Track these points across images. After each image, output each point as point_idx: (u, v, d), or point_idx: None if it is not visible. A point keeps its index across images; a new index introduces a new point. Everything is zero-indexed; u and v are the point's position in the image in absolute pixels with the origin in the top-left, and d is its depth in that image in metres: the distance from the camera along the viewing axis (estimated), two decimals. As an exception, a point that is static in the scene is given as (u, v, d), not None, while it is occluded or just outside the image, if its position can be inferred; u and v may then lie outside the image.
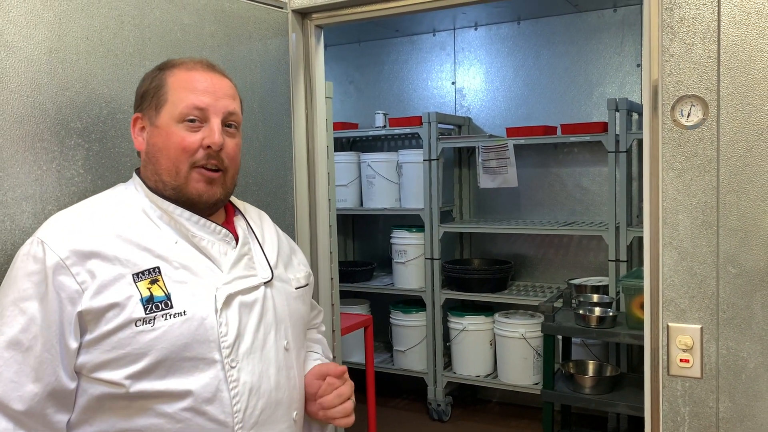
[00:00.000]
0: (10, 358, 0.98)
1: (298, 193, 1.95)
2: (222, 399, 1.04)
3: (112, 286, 1.00)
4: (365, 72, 4.17)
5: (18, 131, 1.25)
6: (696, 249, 1.37)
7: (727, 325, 1.35)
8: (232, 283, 1.10)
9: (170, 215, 1.10)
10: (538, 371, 3.36)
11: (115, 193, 1.15)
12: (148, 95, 1.13)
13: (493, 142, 3.49)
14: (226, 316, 1.06)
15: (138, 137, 1.15)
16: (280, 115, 1.86)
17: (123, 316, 0.99)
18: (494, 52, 3.79)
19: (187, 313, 1.03)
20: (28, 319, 0.98)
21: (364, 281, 3.94)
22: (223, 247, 1.13)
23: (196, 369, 1.02)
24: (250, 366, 1.07)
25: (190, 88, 1.10)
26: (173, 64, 1.15)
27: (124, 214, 1.09)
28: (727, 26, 1.31)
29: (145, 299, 1.01)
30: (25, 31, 1.26)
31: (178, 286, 1.04)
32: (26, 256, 1.02)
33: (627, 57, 3.45)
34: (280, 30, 1.85)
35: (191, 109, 1.09)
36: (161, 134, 1.10)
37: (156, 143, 1.11)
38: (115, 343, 0.99)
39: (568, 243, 3.69)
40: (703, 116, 1.35)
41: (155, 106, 1.11)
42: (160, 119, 1.11)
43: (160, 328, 1.00)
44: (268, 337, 1.12)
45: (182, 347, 1.01)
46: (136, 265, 1.03)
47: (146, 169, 1.14)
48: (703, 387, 1.38)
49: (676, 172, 1.38)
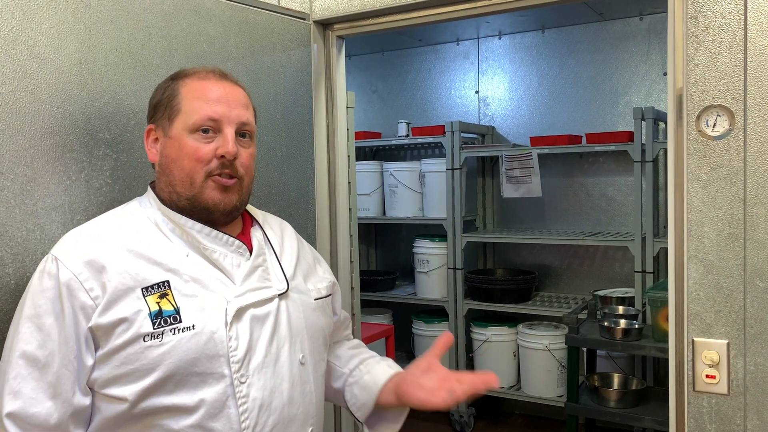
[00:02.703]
0: (28, 374, 0.98)
1: (319, 202, 1.97)
2: (230, 415, 1.01)
3: (121, 300, 1.00)
4: (388, 81, 4.19)
5: (48, 142, 1.28)
6: (722, 262, 1.34)
7: (755, 340, 1.32)
8: (244, 295, 1.07)
9: (182, 228, 1.09)
10: (562, 383, 3.32)
11: (129, 208, 1.14)
12: (161, 106, 1.12)
13: (516, 152, 3.47)
14: (237, 329, 1.04)
15: (151, 149, 1.14)
16: (302, 125, 1.88)
17: (131, 331, 0.99)
18: (518, 60, 3.78)
19: (195, 327, 1.01)
20: (44, 335, 0.99)
21: (386, 290, 3.93)
22: (236, 258, 1.11)
23: (204, 384, 1.01)
24: (262, 381, 1.05)
25: (203, 98, 1.09)
26: (186, 74, 1.13)
27: (136, 229, 1.08)
28: (754, 35, 1.29)
29: (153, 314, 1.00)
30: (57, 42, 1.29)
31: (187, 300, 1.03)
32: (42, 273, 1.03)
33: (653, 65, 3.40)
34: (303, 41, 1.88)
35: (205, 120, 1.08)
36: (174, 145, 1.09)
37: (169, 154, 1.10)
38: (124, 359, 0.99)
39: (593, 254, 3.64)
40: (729, 126, 1.32)
41: (168, 116, 1.10)
42: (173, 130, 1.09)
43: (168, 342, 0.99)
44: (281, 350, 1.09)
45: (191, 362, 1.00)
46: (146, 279, 1.02)
47: (160, 181, 1.13)
48: (730, 404, 1.35)
49: (701, 184, 1.35)
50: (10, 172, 1.22)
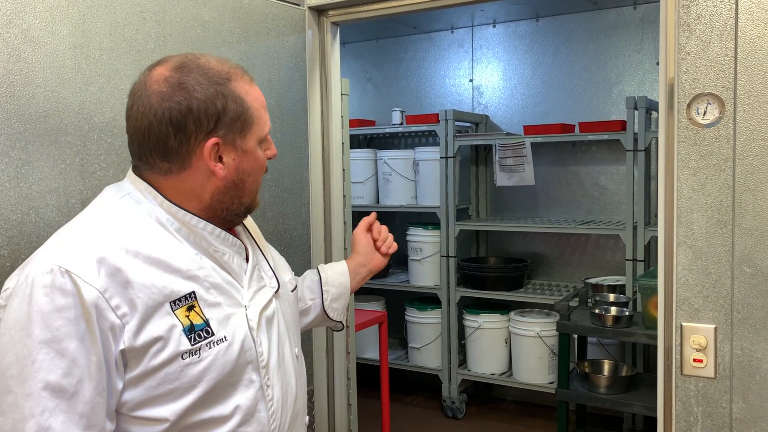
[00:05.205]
0: (55, 407, 0.87)
1: (313, 189, 1.97)
2: (260, 419, 1.02)
3: (152, 317, 0.93)
4: (383, 69, 4.18)
5: (43, 125, 1.28)
6: (711, 248, 1.36)
7: (742, 325, 1.35)
8: (254, 298, 1.06)
9: (191, 228, 1.02)
10: (553, 370, 3.35)
11: (119, 205, 1.01)
12: (228, 117, 0.99)
13: (510, 140, 3.48)
14: (260, 335, 1.04)
15: (219, 164, 1.00)
16: (296, 111, 1.89)
17: (169, 350, 0.93)
18: (512, 49, 3.78)
19: (227, 338, 0.99)
20: (69, 361, 0.88)
21: (379, 278, 3.95)
22: (239, 259, 1.07)
23: (235, 392, 1.00)
24: (279, 381, 1.06)
25: (263, 106, 1.06)
26: (231, 77, 1.01)
27: (145, 231, 0.98)
28: (745, 24, 1.30)
29: (187, 329, 0.95)
30: (51, 26, 1.29)
31: (213, 310, 0.99)
32: (48, 288, 0.88)
33: (647, 55, 3.41)
34: (297, 27, 1.88)
35: (268, 128, 1.07)
36: (251, 159, 1.04)
37: (246, 169, 1.04)
38: (162, 379, 0.93)
39: (585, 242, 3.67)
40: (719, 114, 1.34)
41: (240, 129, 1.01)
42: (248, 143, 1.02)
43: (206, 358, 0.96)
44: (284, 348, 1.10)
45: (228, 374, 0.98)
46: (173, 292, 0.96)
47: (223, 195, 1.03)
48: (716, 387, 1.38)
49: (691, 171, 1.37)
50: (4, 155, 1.22)
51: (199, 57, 1.02)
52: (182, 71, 0.99)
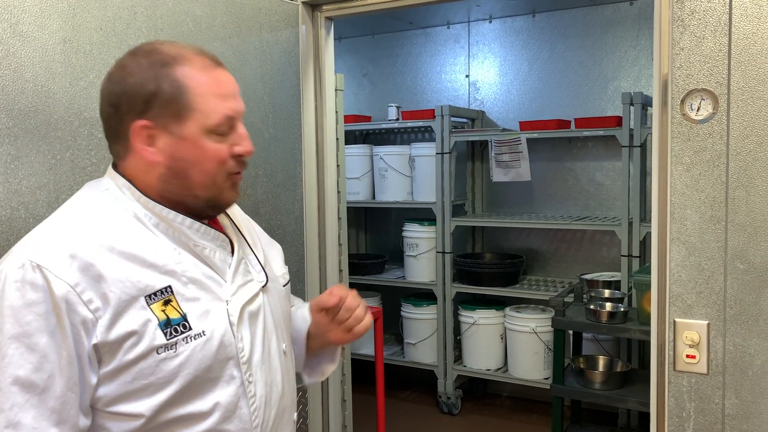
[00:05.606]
0: (25, 402, 0.87)
1: (307, 184, 1.97)
2: (242, 416, 1.01)
3: (126, 312, 0.92)
4: (379, 64, 4.17)
5: (32, 120, 1.27)
6: (704, 244, 1.36)
7: (735, 321, 1.35)
8: (237, 293, 1.04)
9: (169, 223, 1.00)
10: (548, 366, 3.36)
11: (97, 200, 1.01)
12: (160, 100, 0.97)
13: (506, 136, 3.47)
14: (241, 330, 1.02)
15: (147, 148, 0.99)
16: (290, 106, 1.88)
17: (143, 345, 0.92)
18: (508, 45, 3.77)
19: (206, 333, 0.98)
20: (39, 356, 0.88)
21: (375, 274, 3.95)
22: (222, 253, 1.05)
23: (216, 387, 0.98)
24: (263, 377, 1.05)
25: (218, 94, 0.99)
26: (175, 59, 0.98)
27: (120, 226, 0.97)
28: (739, 19, 1.30)
29: (163, 323, 0.94)
30: (40, 20, 1.28)
31: (191, 305, 0.98)
32: (19, 283, 0.89)
33: (643, 50, 3.41)
34: (291, 21, 1.86)
35: (225, 120, 0.99)
36: (190, 147, 0.98)
37: (185, 157, 0.98)
38: (137, 374, 0.92)
39: (580, 238, 3.67)
40: (712, 110, 1.33)
41: (176, 114, 0.97)
42: (187, 130, 0.97)
43: (183, 353, 0.95)
44: (271, 344, 1.08)
45: (206, 369, 0.97)
46: (148, 286, 0.95)
47: (168, 183, 1.00)
48: (709, 383, 1.38)
49: (684, 167, 1.37)
50: (-7, 150, 1.21)
51: (162, 42, 1.02)
52: (133, 54, 1.00)
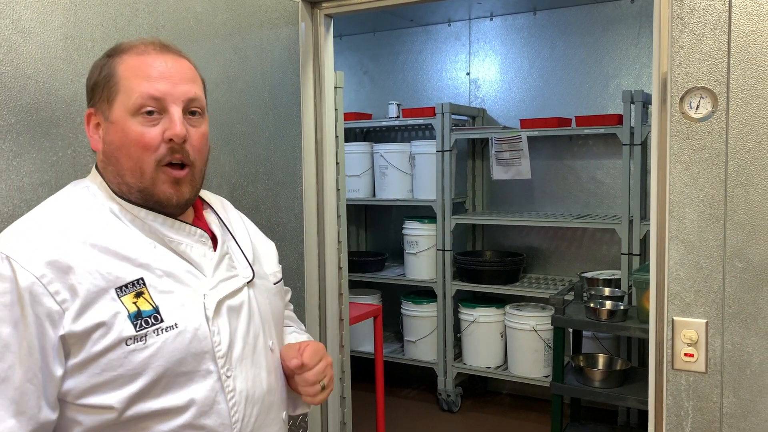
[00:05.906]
0: None
1: (307, 182, 1.97)
2: (220, 411, 0.99)
3: (96, 303, 0.92)
4: (379, 62, 4.17)
5: (34, 117, 1.28)
6: (702, 243, 1.36)
7: (733, 319, 1.35)
8: (217, 287, 1.03)
9: (142, 220, 1.01)
10: (548, 364, 3.36)
11: (76, 196, 1.02)
12: (99, 87, 1.01)
13: (506, 134, 3.47)
14: (218, 323, 1.01)
15: (93, 136, 1.03)
16: (289, 104, 1.88)
17: (112, 336, 0.92)
18: (509, 42, 3.77)
19: (179, 325, 0.97)
20: (1, 346, 0.88)
21: (375, 272, 3.95)
22: (201, 248, 1.04)
23: (191, 382, 0.97)
24: (244, 372, 1.03)
25: (142, 75, 0.98)
26: (122, 49, 1.02)
27: (95, 220, 0.98)
28: (738, 17, 1.30)
29: (132, 315, 0.93)
30: (42, 17, 1.28)
31: (164, 297, 0.97)
32: None
33: (644, 49, 3.40)
34: (291, 19, 1.87)
35: (146, 99, 0.97)
36: (117, 130, 0.99)
37: (113, 141, 0.99)
38: (105, 365, 0.92)
39: (581, 236, 3.67)
40: (712, 109, 1.34)
41: (107, 98, 1.00)
42: (114, 113, 0.99)
43: (153, 344, 0.94)
44: (257, 340, 1.07)
45: (178, 362, 0.96)
46: (119, 278, 0.94)
47: (107, 171, 1.02)
48: (707, 382, 1.38)
49: (683, 165, 1.37)
50: (-6, 147, 1.22)
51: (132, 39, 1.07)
52: None
